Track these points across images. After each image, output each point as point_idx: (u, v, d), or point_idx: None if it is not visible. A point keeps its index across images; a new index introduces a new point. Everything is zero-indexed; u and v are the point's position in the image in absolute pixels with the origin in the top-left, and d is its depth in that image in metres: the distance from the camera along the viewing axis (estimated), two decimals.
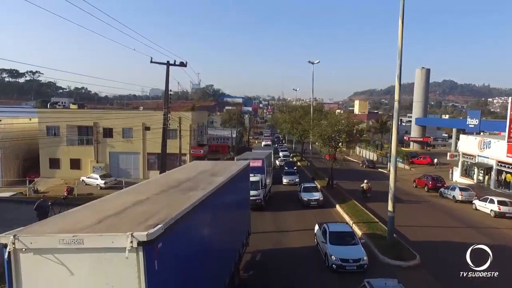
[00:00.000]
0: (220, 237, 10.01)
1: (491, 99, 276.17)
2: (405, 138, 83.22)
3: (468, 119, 55.45)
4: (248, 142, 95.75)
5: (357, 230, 19.27)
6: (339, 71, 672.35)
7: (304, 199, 25.63)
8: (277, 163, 48.04)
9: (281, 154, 58.20)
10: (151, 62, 20.55)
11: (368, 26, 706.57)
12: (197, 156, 39.40)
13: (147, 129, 37.74)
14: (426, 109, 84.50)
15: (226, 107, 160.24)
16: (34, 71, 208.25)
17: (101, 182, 34.49)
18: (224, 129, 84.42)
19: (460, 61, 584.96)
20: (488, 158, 36.37)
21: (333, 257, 14.14)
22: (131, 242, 5.08)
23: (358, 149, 72.39)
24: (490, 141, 36.54)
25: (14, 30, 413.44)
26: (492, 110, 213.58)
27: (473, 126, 53.68)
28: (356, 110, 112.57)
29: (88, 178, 35.63)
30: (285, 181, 35.40)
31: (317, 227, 17.46)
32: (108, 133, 38.41)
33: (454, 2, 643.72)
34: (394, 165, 15.97)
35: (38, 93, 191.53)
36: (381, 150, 67.45)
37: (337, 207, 25.47)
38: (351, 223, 21.02)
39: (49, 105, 47.28)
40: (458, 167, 41.73)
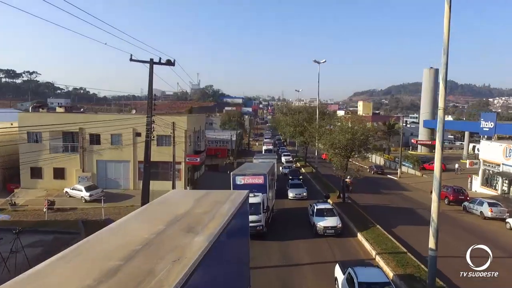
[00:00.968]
0: None
1: (491, 99, 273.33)
2: (412, 141, 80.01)
3: (482, 121, 52.20)
4: (249, 145, 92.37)
5: (383, 265, 15.84)
6: (339, 71, 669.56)
7: (319, 226, 20.86)
8: (280, 169, 44.43)
9: (283, 159, 54.84)
10: (131, 60, 16.71)
11: (368, 25, 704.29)
12: (193, 165, 35.96)
13: (138, 135, 34.20)
14: (435, 111, 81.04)
15: (226, 108, 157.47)
16: (31, 71, 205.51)
17: (86, 194, 31.11)
18: (223, 131, 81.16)
19: (460, 61, 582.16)
20: None
21: None
22: None
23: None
24: None
25: None
26: (494, 110, 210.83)
27: (487, 129, 50.55)
28: (360, 111, 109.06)
29: (72, 189, 32.18)
30: (291, 195, 31.39)
31: (338, 270, 13.71)
32: (96, 139, 34.87)
33: (453, 2, 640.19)
34: (437, 192, 12.36)
35: (36, 93, 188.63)
36: (388, 154, 64.31)
37: (359, 235, 20.73)
38: (373, 253, 17.61)
39: (31, 108, 43.58)
40: (478, 175, 38.31)
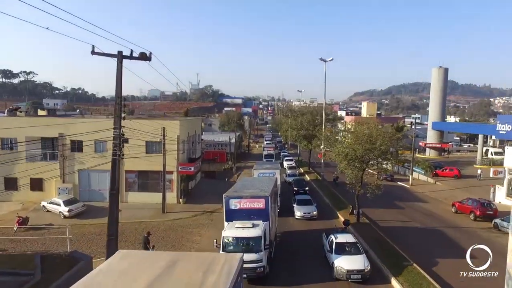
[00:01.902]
0: None
1: (492, 99, 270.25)
2: (420, 144, 76.26)
3: (498, 124, 48.58)
4: (248, 147, 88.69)
5: None
6: (339, 71, 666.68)
7: (340, 269, 15.55)
8: (284, 176, 40.33)
9: (286, 164, 50.92)
10: (92, 53, 12.52)
11: (368, 25, 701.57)
12: (187, 174, 32.21)
13: (125, 141, 30.41)
14: (444, 112, 77.31)
15: (226, 108, 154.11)
16: (28, 71, 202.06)
17: (64, 209, 27.43)
18: (222, 132, 77.50)
19: (460, 61, 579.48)
20: None
21: None
22: None
23: None
24: None
25: None
26: (495, 110, 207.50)
27: (504, 132, 46.93)
28: (364, 112, 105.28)
29: (50, 203, 28.47)
30: (298, 214, 25.84)
31: None
32: (77, 146, 31.11)
33: (454, 3, 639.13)
34: None
35: (33, 94, 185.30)
36: (396, 159, 60.64)
37: (393, 281, 15.47)
38: None
39: (6, 111, 39.83)
40: (503, 185, 34.61)
